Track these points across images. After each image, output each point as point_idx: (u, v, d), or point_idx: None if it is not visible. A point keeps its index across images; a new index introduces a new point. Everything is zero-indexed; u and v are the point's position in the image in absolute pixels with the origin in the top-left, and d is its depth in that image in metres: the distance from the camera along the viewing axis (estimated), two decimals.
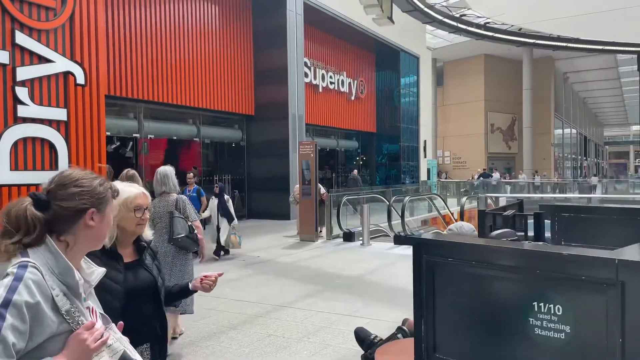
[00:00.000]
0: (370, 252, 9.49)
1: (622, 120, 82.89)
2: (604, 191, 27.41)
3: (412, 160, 24.29)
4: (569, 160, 48.29)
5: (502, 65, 37.43)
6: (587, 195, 21.14)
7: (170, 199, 4.59)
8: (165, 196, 4.62)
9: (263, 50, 16.17)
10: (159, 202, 4.58)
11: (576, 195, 19.63)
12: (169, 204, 4.55)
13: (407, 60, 24.17)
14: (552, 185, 28.36)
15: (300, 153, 11.05)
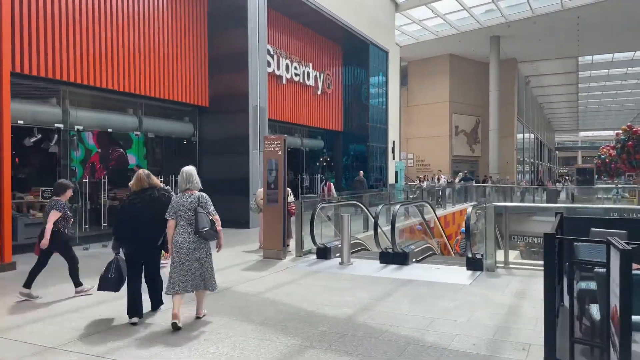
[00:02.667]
0: (354, 275, 7.52)
1: (573, 126, 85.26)
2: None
3: (380, 162, 22.58)
4: (527, 165, 48.28)
5: (467, 66, 36.58)
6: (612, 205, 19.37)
7: (194, 195, 5.11)
8: (189, 193, 5.13)
9: (219, 32, 13.97)
10: (182, 197, 5.09)
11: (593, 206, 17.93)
12: (192, 200, 5.06)
13: (377, 55, 22.47)
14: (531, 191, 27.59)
15: (266, 150, 8.98)
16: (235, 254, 9.37)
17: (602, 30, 29.64)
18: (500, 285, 6.70)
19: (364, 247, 10.15)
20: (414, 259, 8.50)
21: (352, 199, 11.42)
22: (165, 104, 13.29)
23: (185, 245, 4.93)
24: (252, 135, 13.59)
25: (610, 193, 26.88)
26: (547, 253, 3.65)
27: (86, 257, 9.08)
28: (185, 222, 4.98)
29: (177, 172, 5.40)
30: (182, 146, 14.37)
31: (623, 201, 25.98)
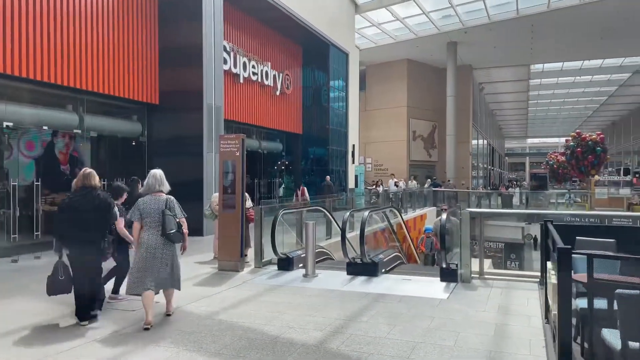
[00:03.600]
0: (321, 290, 6.80)
1: (522, 133, 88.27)
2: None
3: (340, 166, 22.01)
4: (480, 170, 49.14)
5: (424, 71, 36.73)
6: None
7: (162, 198, 5.24)
8: (158, 195, 5.23)
9: (171, 24, 12.98)
10: (150, 200, 5.21)
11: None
12: (160, 203, 5.19)
13: (337, 56, 21.95)
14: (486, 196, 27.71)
15: (222, 151, 8.13)
16: (187, 266, 8.43)
17: (554, 39, 30.35)
18: (480, 299, 6.16)
19: (328, 256, 9.46)
20: (383, 270, 7.89)
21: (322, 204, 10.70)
22: (110, 101, 12.17)
23: (153, 247, 5.06)
24: (207, 136, 12.66)
25: (563, 198, 27.42)
26: (561, 269, 3.05)
27: (13, 272, 7.94)
28: (153, 224, 5.11)
29: (123, 175, 4.75)
30: (129, 146, 13.25)
31: (575, 206, 26.55)
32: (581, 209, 26.26)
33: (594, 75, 42.47)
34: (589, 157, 36.55)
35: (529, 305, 5.81)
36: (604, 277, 2.97)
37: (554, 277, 3.82)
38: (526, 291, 6.52)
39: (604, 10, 25.09)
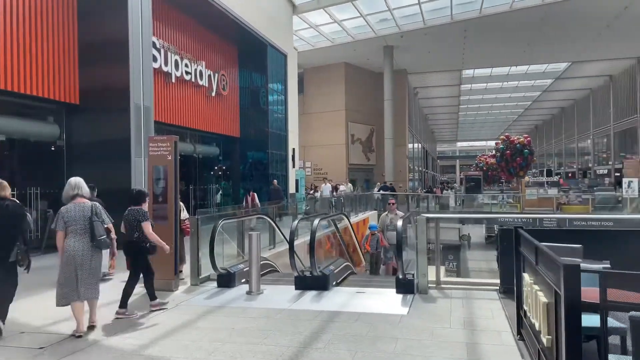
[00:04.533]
0: (268, 310, 6.06)
1: (453, 136, 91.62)
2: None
3: (281, 171, 21.29)
4: (416, 173, 50.11)
5: (361, 75, 36.84)
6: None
7: (87, 205, 5.10)
8: (80, 202, 5.09)
9: (93, 16, 11.75)
10: (74, 207, 5.06)
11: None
12: (86, 209, 5.06)
13: (275, 57, 21.24)
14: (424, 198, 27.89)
15: (152, 155, 7.21)
16: (113, 287, 7.41)
17: (485, 45, 31.34)
18: (442, 312, 5.69)
19: (273, 268, 8.73)
20: (334, 282, 7.28)
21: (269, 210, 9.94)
22: (21, 100, 10.77)
23: (79, 255, 4.94)
24: (135, 139, 11.52)
25: (497, 199, 28.23)
26: (568, 291, 2.53)
27: None
28: (78, 232, 4.98)
29: (37, 184, 3.87)
30: (45, 151, 11.84)
31: (508, 206, 27.38)
32: (513, 210, 27.16)
33: (520, 81, 44.53)
34: (518, 159, 38.20)
35: (494, 319, 5.39)
36: (620, 297, 2.50)
37: (542, 296, 3.34)
38: (487, 301, 6.14)
39: (530, 18, 26.11)
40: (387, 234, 9.23)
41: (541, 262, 3.44)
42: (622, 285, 2.58)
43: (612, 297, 2.66)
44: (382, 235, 9.23)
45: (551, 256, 2.91)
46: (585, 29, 27.81)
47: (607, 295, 2.46)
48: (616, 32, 28.54)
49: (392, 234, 8.99)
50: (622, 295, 2.65)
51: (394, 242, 8.86)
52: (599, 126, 45.94)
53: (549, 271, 3.12)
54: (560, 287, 2.66)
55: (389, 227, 9.23)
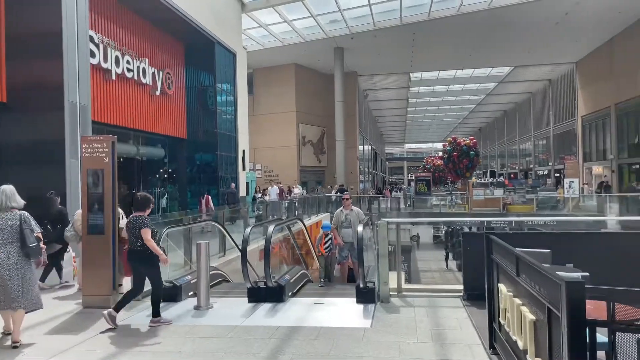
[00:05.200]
0: (218, 327, 5.52)
1: (400, 138, 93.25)
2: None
3: (231, 173, 20.56)
4: (366, 175, 50.42)
5: (312, 76, 36.57)
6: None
7: (15, 214, 5.02)
8: (9, 212, 5.00)
9: (21, 6, 10.71)
10: (2, 217, 4.97)
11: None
12: (14, 219, 4.99)
13: (223, 56, 20.51)
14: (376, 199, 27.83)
15: (86, 157, 6.48)
16: (44, 305, 6.61)
17: (433, 48, 31.84)
18: (407, 324, 5.35)
19: (224, 278, 8.16)
20: (290, 292, 6.82)
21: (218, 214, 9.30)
22: None
23: (5, 264, 4.84)
24: (71, 140, 10.59)
25: (446, 200, 28.68)
26: (574, 310, 2.21)
27: None
28: (6, 241, 4.91)
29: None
30: None
31: (456, 207, 27.86)
32: (461, 210, 27.67)
33: (465, 84, 45.73)
34: (464, 160, 39.15)
35: (462, 329, 5.11)
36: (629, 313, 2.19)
37: (527, 312, 3.03)
38: (452, 310, 5.87)
39: (476, 22, 26.69)
40: (341, 231, 8.67)
41: (525, 274, 3.14)
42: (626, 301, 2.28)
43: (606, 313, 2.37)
44: (337, 233, 8.72)
45: (545, 270, 2.59)
46: (527, 34, 28.74)
47: (615, 315, 2.15)
48: (556, 38, 29.71)
49: (347, 231, 8.58)
50: (623, 312, 2.37)
51: (349, 240, 8.51)
52: (539, 128, 47.86)
53: (538, 285, 2.81)
54: (559, 306, 2.33)
55: (344, 224, 8.69)
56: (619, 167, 30.01)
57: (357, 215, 8.64)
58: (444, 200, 28.91)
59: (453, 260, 27.86)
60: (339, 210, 8.97)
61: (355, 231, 8.21)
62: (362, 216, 8.67)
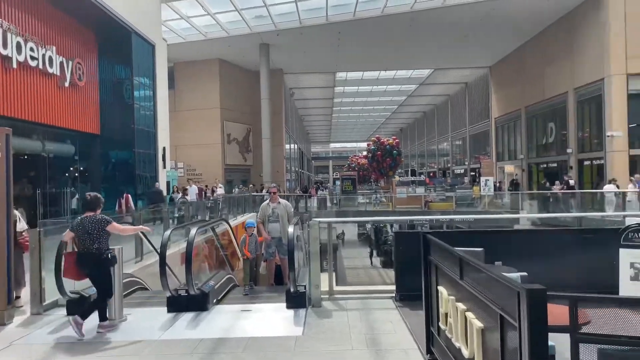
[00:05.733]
0: (132, 343, 4.93)
1: (326, 138, 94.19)
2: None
3: (150, 172, 19.41)
4: (293, 174, 50.23)
5: (237, 72, 35.70)
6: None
7: None
8: None
9: None
10: None
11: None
12: None
13: (141, 47, 19.32)
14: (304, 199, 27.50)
15: None
16: None
17: (358, 48, 32.18)
18: (340, 329, 5.08)
19: (141, 286, 7.47)
20: (215, 300, 6.33)
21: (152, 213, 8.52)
22: None
23: None
24: None
25: (371, 199, 29.10)
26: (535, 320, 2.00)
27: None
28: None
29: None
30: None
31: (381, 205, 28.35)
32: (386, 208, 28.21)
33: (388, 85, 46.88)
34: (387, 159, 40.13)
35: (397, 333, 4.92)
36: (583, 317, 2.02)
37: (474, 318, 2.83)
38: (385, 312, 5.68)
39: (399, 24, 27.29)
40: (268, 225, 8.03)
41: (470, 277, 2.94)
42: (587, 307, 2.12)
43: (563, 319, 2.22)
44: (262, 227, 8.03)
45: (497, 275, 2.39)
46: (446, 38, 29.84)
47: (578, 323, 1.98)
48: (472, 43, 31.14)
49: (274, 225, 8.00)
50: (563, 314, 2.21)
51: (276, 235, 7.97)
52: (456, 129, 50.17)
53: (487, 290, 2.61)
54: (516, 314, 2.13)
55: (270, 218, 8.05)
56: (529, 166, 32.06)
57: (285, 209, 8.05)
58: (369, 198, 29.30)
59: (377, 257, 28.41)
60: (265, 203, 8.28)
61: (283, 224, 7.80)
62: (290, 209, 8.16)
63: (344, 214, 25.99)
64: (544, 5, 24.47)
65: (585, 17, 23.86)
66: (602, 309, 1.98)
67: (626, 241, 5.55)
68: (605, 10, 22.07)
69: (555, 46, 26.97)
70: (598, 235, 6.09)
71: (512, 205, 24.70)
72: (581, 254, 5.90)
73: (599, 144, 23.53)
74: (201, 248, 7.33)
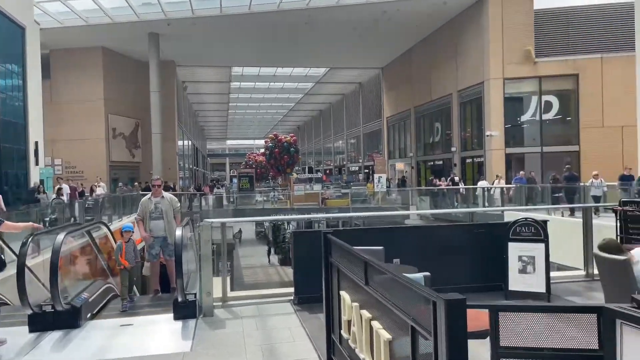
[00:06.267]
0: None
1: (222, 134, 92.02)
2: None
3: (19, 169, 17.22)
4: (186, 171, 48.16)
5: (124, 63, 33.23)
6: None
7: None
8: None
9: None
10: None
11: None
12: None
13: (8, 29, 17.07)
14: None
15: None
16: None
17: (254, 43, 31.57)
18: (234, 341, 4.63)
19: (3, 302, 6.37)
20: (89, 314, 5.53)
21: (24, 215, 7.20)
22: None
23: None
24: None
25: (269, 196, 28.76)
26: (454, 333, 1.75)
27: None
28: None
29: None
30: None
31: (279, 203, 28.13)
32: (284, 206, 28.03)
33: (285, 83, 46.81)
34: (285, 157, 39.97)
35: (295, 340, 4.59)
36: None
37: (381, 329, 2.57)
38: (283, 317, 5.34)
39: (296, 21, 27.19)
40: (150, 223, 6.96)
41: (378, 284, 2.68)
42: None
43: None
44: (142, 225, 6.99)
45: (410, 283, 2.12)
46: (341, 38, 30.31)
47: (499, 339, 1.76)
48: (365, 44, 32.01)
49: (157, 223, 6.95)
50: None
51: (160, 234, 6.94)
52: (350, 128, 51.54)
53: (396, 298, 2.35)
54: (431, 327, 1.87)
55: (152, 214, 6.96)
56: (417, 163, 33.79)
57: (170, 203, 7.05)
58: (266, 196, 28.92)
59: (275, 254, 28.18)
60: (145, 198, 7.20)
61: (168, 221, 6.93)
62: (177, 204, 7.22)
63: (241, 213, 25.32)
64: (432, 10, 25.80)
65: (468, 23, 25.58)
66: (523, 318, 1.78)
67: (514, 235, 5.76)
68: (486, 18, 23.81)
69: (441, 49, 28.64)
70: (488, 230, 6.28)
71: (403, 201, 25.81)
72: (474, 249, 6.04)
73: (479, 143, 25.38)
74: (71, 256, 6.40)
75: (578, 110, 23.66)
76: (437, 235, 6.47)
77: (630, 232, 6.15)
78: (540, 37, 23.93)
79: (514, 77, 23.67)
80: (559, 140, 24.35)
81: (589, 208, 7.03)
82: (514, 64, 23.37)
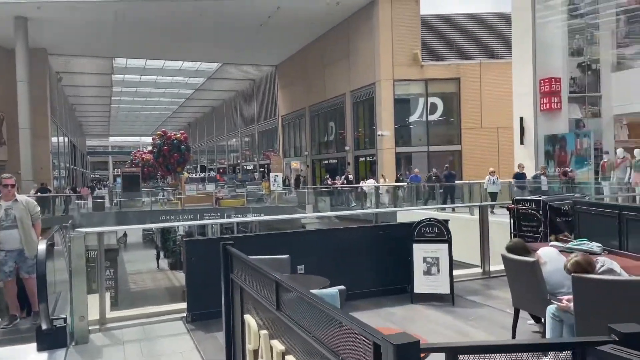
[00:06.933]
0: None
1: (104, 131, 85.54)
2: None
3: None
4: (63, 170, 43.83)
5: None
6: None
7: None
8: None
9: None
10: None
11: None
12: None
13: None
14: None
15: None
16: None
17: (139, 34, 29.45)
18: None
19: None
20: None
21: None
22: None
23: None
24: None
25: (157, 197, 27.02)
26: None
27: None
28: None
29: None
30: None
31: (169, 204, 26.53)
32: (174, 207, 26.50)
33: (174, 77, 44.51)
34: (175, 155, 38.01)
35: None
36: None
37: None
38: (174, 339, 4.66)
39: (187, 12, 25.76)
40: (1, 233, 5.44)
41: (293, 310, 2.20)
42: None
43: None
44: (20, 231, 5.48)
45: (346, 317, 1.68)
46: (233, 33, 29.36)
47: None
48: (259, 40, 31.35)
49: (10, 233, 5.40)
50: None
51: (15, 247, 5.42)
52: (245, 126, 50.54)
53: (320, 333, 1.90)
54: None
55: (4, 222, 5.44)
56: (312, 162, 33.98)
57: (26, 208, 5.56)
58: (155, 197, 27.13)
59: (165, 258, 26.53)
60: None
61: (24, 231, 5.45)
62: (36, 209, 5.70)
63: (126, 216, 23.40)
64: (326, 10, 25.92)
65: (360, 24, 26.14)
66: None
67: (419, 236, 5.64)
68: (376, 20, 24.45)
69: (335, 49, 28.99)
70: (393, 231, 6.13)
71: (300, 200, 25.71)
72: (379, 251, 5.83)
73: (372, 142, 26.07)
74: None
75: (460, 112, 25.27)
76: (341, 238, 6.18)
77: (523, 230, 6.36)
78: (426, 41, 25.15)
79: (403, 79, 24.62)
80: (444, 140, 25.84)
81: (486, 206, 7.22)
82: (402, 66, 24.29)
